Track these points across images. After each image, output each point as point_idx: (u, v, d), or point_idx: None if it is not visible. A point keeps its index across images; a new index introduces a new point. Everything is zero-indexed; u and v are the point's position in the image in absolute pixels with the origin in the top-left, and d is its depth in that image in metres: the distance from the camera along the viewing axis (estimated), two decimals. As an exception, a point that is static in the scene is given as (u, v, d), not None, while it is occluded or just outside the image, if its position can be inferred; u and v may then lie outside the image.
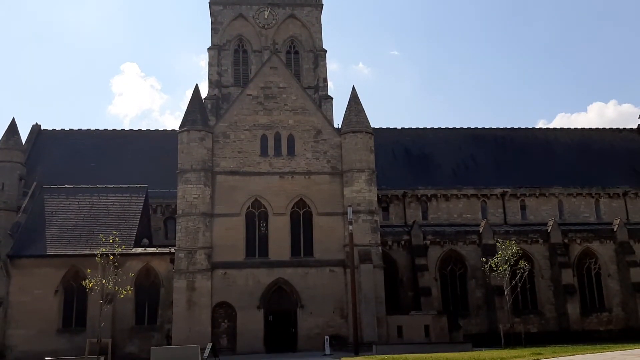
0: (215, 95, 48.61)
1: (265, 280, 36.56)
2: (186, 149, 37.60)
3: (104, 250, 29.46)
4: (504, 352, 24.96)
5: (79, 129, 51.18)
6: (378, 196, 40.63)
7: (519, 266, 36.52)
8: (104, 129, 51.46)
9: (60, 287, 37.50)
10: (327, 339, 33.06)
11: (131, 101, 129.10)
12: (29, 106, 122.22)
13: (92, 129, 51.30)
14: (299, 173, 38.49)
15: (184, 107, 40.03)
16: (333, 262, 37.15)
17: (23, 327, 36.28)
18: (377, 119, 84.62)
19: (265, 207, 37.82)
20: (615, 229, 44.45)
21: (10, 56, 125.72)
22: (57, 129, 51.27)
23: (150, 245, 40.41)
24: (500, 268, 36.15)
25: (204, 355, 29.86)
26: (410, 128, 53.27)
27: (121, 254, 32.16)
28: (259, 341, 35.53)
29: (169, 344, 34.42)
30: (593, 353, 22.18)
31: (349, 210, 35.74)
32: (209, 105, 46.54)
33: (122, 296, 30.52)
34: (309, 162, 38.74)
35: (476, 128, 53.95)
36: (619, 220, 45.34)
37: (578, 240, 44.24)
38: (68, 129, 51.18)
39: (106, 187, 42.67)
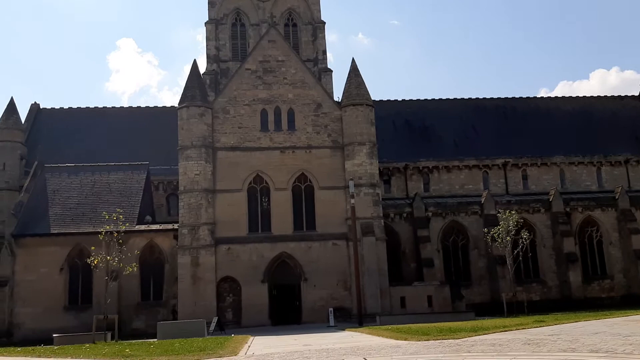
0: (213, 70, 48.21)
1: (268, 255, 36.79)
2: (186, 125, 37.47)
3: (107, 227, 29.55)
4: (506, 320, 25.21)
5: (78, 107, 50.99)
6: (379, 169, 40.63)
7: (520, 236, 36.68)
8: (103, 107, 51.32)
9: (65, 265, 37.82)
10: (331, 310, 33.37)
11: (129, 78, 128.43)
12: (26, 85, 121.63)
13: (91, 107, 51.13)
14: (300, 147, 38.41)
15: (182, 83, 39.76)
16: (336, 236, 37.33)
17: (30, 305, 36.71)
18: (378, 90, 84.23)
19: (266, 183, 37.84)
20: (616, 197, 44.54)
21: (5, 34, 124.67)
22: (56, 107, 51.14)
23: (154, 222, 40.61)
24: (502, 238, 36.29)
25: (210, 329, 30.22)
26: (411, 99, 53.00)
27: (125, 231, 32.24)
28: (264, 314, 35.92)
29: (175, 319, 34.82)
30: (595, 319, 22.40)
31: (351, 183, 35.74)
32: (208, 81, 46.20)
33: (127, 273, 30.73)
34: (309, 136, 38.62)
35: (477, 98, 53.64)
36: (620, 187, 45.39)
37: (580, 209, 44.36)
38: (67, 107, 51.01)
39: (107, 165, 42.71)
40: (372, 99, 39.88)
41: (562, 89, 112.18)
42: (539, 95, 58.83)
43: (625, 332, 15.11)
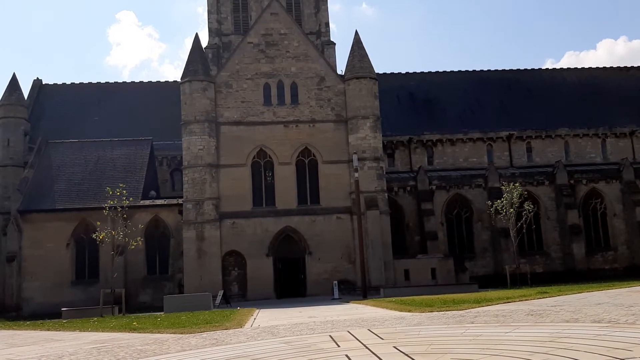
0: (215, 44, 47.87)
1: (273, 229, 36.98)
2: (189, 100, 37.35)
3: (112, 202, 29.73)
4: (510, 292, 25.36)
5: (80, 83, 50.89)
6: (383, 142, 40.54)
7: (524, 208, 36.72)
8: (106, 82, 51.16)
9: (72, 240, 38.14)
10: (335, 283, 33.68)
11: (129, 51, 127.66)
12: (26, 60, 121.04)
13: (93, 82, 51.05)
14: (303, 122, 38.28)
15: (183, 56, 39.66)
16: (340, 210, 37.44)
17: (38, 279, 37.15)
18: (382, 62, 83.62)
19: (270, 157, 37.84)
20: (621, 169, 44.41)
21: (4, 8, 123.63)
22: (58, 83, 51.01)
23: (158, 197, 40.80)
24: (505, 210, 36.32)
25: (216, 302, 30.60)
26: (415, 72, 52.57)
27: (130, 206, 32.44)
28: (269, 287, 36.26)
29: (181, 293, 35.21)
30: (598, 291, 22.49)
31: (354, 157, 35.73)
32: (210, 55, 45.91)
33: (132, 247, 31.03)
34: (312, 110, 38.47)
35: (481, 70, 53.22)
36: (625, 159, 45.23)
37: (584, 181, 44.30)
38: (69, 82, 50.93)
39: (111, 141, 42.75)
40: (376, 71, 39.61)
41: (569, 60, 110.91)
42: (544, 66, 58.35)
43: (628, 303, 15.20)
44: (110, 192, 30.13)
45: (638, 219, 42.77)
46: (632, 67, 56.03)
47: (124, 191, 30.18)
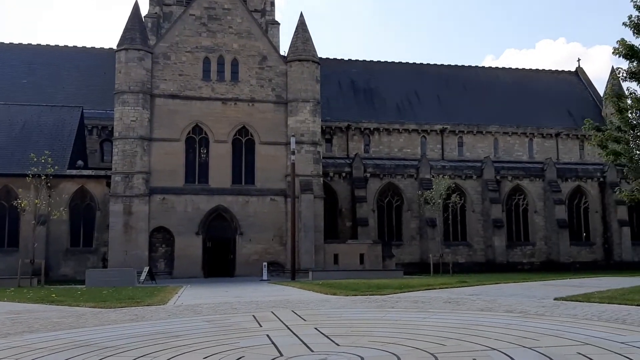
0: (156, 13, 46.35)
1: (204, 207, 36.53)
2: (124, 69, 36.12)
3: (35, 170, 28.48)
4: (432, 280, 26.28)
5: (10, 43, 48.09)
6: (322, 127, 40.71)
7: (451, 200, 37.93)
8: (37, 44, 48.57)
9: (-10, 207, 36.27)
10: (265, 265, 33.77)
11: (63, 14, 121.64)
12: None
13: (24, 43, 48.34)
14: (243, 100, 37.85)
15: (120, 24, 38.06)
16: (274, 191, 37.40)
17: (-49, 246, 35.17)
18: (325, 47, 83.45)
19: (206, 134, 37.23)
20: (544, 168, 46.57)
21: None
22: (-14, 41, 48.01)
23: (86, 168, 39.39)
24: (434, 201, 37.45)
25: (141, 278, 30.03)
26: (358, 60, 52.99)
27: (55, 175, 31.26)
28: (197, 266, 35.87)
29: (106, 267, 34.32)
30: (514, 282, 23.69)
31: (292, 140, 35.69)
32: (149, 24, 44.42)
33: (55, 217, 29.95)
34: (253, 89, 38.07)
35: (421, 63, 54.35)
36: (549, 159, 47.46)
37: (509, 178, 46.20)
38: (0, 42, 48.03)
39: (40, 106, 40.76)
40: (319, 55, 39.59)
41: (508, 58, 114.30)
42: (484, 61, 60.12)
43: (539, 295, 16.06)
44: (35, 159, 28.88)
45: (557, 217, 45.07)
46: (562, 70, 58.77)
47: (50, 159, 29.00)
